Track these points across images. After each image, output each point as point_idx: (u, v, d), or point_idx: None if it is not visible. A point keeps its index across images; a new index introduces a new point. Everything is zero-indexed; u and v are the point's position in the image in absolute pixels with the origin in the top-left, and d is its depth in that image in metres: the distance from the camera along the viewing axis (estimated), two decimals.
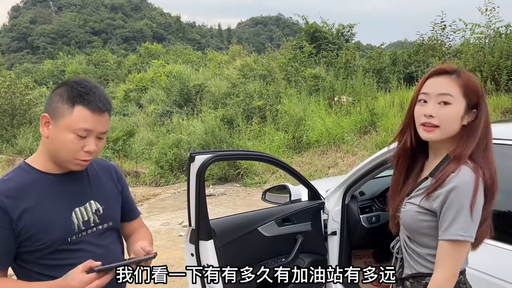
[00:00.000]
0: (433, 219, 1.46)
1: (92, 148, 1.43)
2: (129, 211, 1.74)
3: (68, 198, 1.48)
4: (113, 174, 1.68)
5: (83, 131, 1.41)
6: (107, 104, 1.45)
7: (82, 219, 1.49)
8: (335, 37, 17.25)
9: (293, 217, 2.54)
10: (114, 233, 1.62)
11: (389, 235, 2.87)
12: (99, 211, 1.55)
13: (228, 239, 2.20)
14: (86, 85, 1.43)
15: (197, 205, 2.06)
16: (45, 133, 1.43)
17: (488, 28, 12.72)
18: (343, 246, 2.76)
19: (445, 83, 1.44)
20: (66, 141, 1.40)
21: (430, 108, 1.43)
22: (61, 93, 1.41)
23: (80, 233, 1.48)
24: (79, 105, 1.40)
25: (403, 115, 7.00)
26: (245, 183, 10.15)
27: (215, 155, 2.06)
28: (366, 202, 2.79)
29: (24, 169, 1.47)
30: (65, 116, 1.40)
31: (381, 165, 2.37)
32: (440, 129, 1.43)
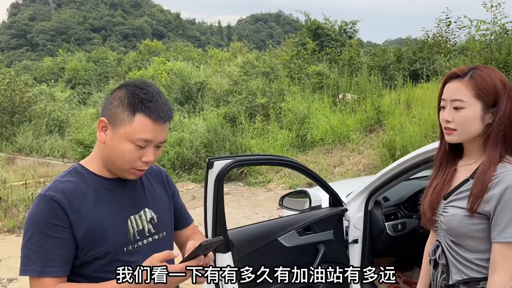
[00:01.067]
0: (483, 221, 1.42)
1: (151, 158, 1.34)
2: (181, 219, 1.62)
3: (123, 204, 1.38)
4: (164, 180, 1.57)
5: (143, 142, 1.30)
6: (169, 113, 1.34)
7: (137, 228, 1.38)
8: (338, 34, 17.11)
9: (315, 225, 2.36)
10: (169, 244, 1.49)
11: (414, 243, 2.71)
12: (153, 220, 1.44)
13: (247, 250, 2.02)
14: (148, 91, 1.32)
15: (215, 215, 1.89)
16: (101, 138, 1.33)
17: (494, 25, 12.56)
18: (365, 255, 2.59)
19: (457, 88, 1.45)
20: (124, 150, 1.30)
21: (445, 113, 1.47)
22: (122, 97, 1.31)
23: (135, 243, 1.37)
24: (141, 113, 1.29)
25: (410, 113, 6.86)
26: (249, 183, 9.99)
27: (235, 160, 1.88)
28: (391, 209, 2.62)
29: (80, 172, 1.36)
30: (125, 124, 1.29)
31: (412, 168, 2.19)
32: (458, 132, 1.45)
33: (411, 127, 8.84)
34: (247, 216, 7.21)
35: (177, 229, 1.59)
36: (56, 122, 18.92)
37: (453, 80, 1.47)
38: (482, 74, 1.43)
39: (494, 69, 1.47)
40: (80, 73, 30.50)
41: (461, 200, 1.46)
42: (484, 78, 1.43)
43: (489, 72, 1.45)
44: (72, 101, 24.20)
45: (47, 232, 1.23)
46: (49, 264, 1.23)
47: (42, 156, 16.76)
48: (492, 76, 1.43)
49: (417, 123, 9.04)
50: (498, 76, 1.44)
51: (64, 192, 1.28)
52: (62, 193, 1.27)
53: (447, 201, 1.51)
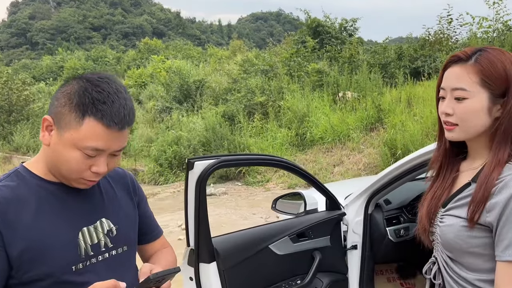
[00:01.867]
0: (486, 235, 1.15)
1: (102, 169, 1.11)
2: (148, 231, 1.40)
3: (74, 214, 1.15)
4: (129, 185, 1.35)
5: (92, 151, 1.08)
6: (127, 118, 1.10)
7: (91, 242, 1.16)
8: (338, 31, 16.94)
9: (310, 231, 2.16)
10: (130, 260, 1.28)
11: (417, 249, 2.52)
12: (112, 232, 1.21)
13: (234, 260, 1.82)
14: (103, 89, 1.07)
15: (197, 221, 1.70)
16: (45, 140, 1.11)
17: (497, 22, 12.39)
18: (365, 261, 2.40)
19: (459, 74, 1.19)
20: (70, 158, 1.08)
21: (445, 105, 1.22)
22: (70, 94, 1.08)
23: (87, 260, 1.14)
24: (91, 117, 1.05)
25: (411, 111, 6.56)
26: (247, 182, 9.81)
27: (219, 160, 1.69)
28: (392, 212, 2.42)
29: (22, 175, 1.14)
30: (72, 128, 1.06)
31: (416, 169, 2.00)
32: (460, 127, 1.20)
33: (412, 125, 8.66)
34: (244, 216, 7.03)
35: (143, 242, 1.38)
36: None
37: (455, 65, 1.21)
38: (490, 56, 1.17)
39: (504, 51, 1.20)
40: (79, 72, 30.20)
41: (460, 208, 1.20)
42: (492, 61, 1.16)
43: (498, 54, 1.18)
44: None
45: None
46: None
47: None
48: (503, 59, 1.17)
49: (418, 122, 8.86)
50: (510, 58, 1.18)
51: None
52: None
53: (445, 209, 1.26)
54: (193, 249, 1.77)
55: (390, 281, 2.77)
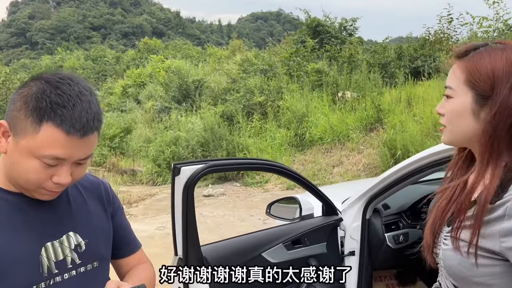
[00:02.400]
0: (496, 263, 0.98)
1: (64, 180, 1.00)
2: (123, 244, 1.29)
3: (36, 228, 1.05)
4: (103, 195, 1.24)
5: (52, 160, 0.97)
6: (91, 123, 0.99)
7: (56, 258, 1.06)
8: (338, 31, 16.86)
9: (305, 237, 2.07)
10: (101, 277, 1.17)
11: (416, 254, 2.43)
12: (80, 247, 1.11)
13: None
14: (64, 92, 0.96)
15: (185, 229, 1.61)
16: (2, 147, 1.00)
17: (497, 21, 12.32)
18: (362, 268, 2.31)
19: (452, 72, 1.09)
20: (28, 167, 0.97)
21: (439, 104, 1.12)
22: (27, 97, 0.96)
23: (51, 278, 1.04)
24: (49, 122, 0.94)
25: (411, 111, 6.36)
26: (245, 183, 9.73)
27: (207, 165, 1.59)
28: (391, 218, 2.33)
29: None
30: (28, 135, 0.95)
31: (417, 172, 1.91)
32: (448, 129, 1.10)
33: (412, 125, 8.58)
34: (242, 218, 6.95)
35: (117, 257, 1.27)
36: None
37: (455, 61, 1.10)
38: (484, 54, 1.04)
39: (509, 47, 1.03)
40: (78, 71, 30.26)
41: (466, 230, 1.02)
42: (483, 58, 1.03)
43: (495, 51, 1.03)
44: None
45: None
46: None
47: None
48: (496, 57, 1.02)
49: (418, 122, 8.78)
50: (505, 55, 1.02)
51: None
52: None
53: (449, 228, 1.08)
54: (181, 258, 1.68)
55: (389, 287, 2.69)
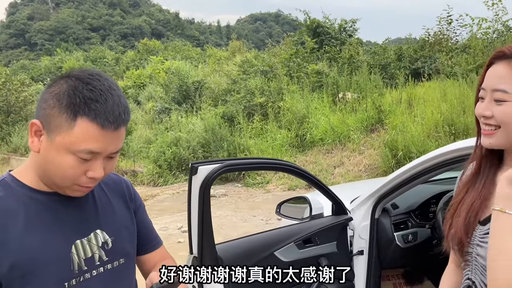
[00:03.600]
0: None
1: (99, 174, 1.03)
2: (147, 241, 1.31)
3: (66, 226, 1.08)
4: (125, 193, 1.26)
5: (88, 154, 1.00)
6: (123, 116, 1.02)
7: (85, 255, 1.09)
8: (338, 32, 16.88)
9: (316, 237, 2.10)
10: (128, 274, 1.21)
11: (424, 253, 2.46)
12: (107, 245, 1.14)
13: None
14: (95, 87, 0.99)
15: (201, 228, 1.63)
16: (34, 146, 1.02)
17: (497, 22, 12.37)
18: (371, 267, 2.33)
19: (501, 74, 1.05)
20: (64, 164, 1.00)
21: (483, 106, 1.09)
22: (60, 95, 0.99)
23: (81, 275, 1.07)
24: (84, 117, 0.97)
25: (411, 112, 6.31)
26: (247, 184, 9.74)
27: (224, 164, 1.62)
28: (400, 217, 2.36)
29: (9, 185, 1.05)
30: (63, 131, 0.98)
31: (427, 172, 1.93)
32: (502, 130, 1.06)
33: (413, 126, 8.61)
34: (244, 218, 6.96)
35: (141, 253, 1.30)
36: None
37: (500, 62, 1.06)
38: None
39: None
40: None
41: None
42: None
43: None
44: None
45: None
46: None
47: None
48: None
49: (419, 123, 8.81)
50: None
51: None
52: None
53: (486, 227, 1.08)
54: (196, 257, 1.70)
55: (396, 287, 2.71)
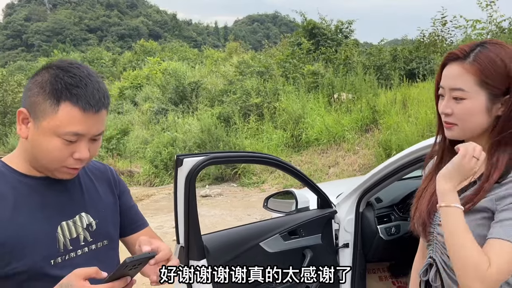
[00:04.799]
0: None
1: (84, 155, 1.11)
2: (132, 221, 1.38)
3: (52, 208, 1.15)
4: (110, 179, 1.35)
5: (73, 136, 1.08)
6: (102, 100, 1.11)
7: (70, 236, 1.16)
8: (334, 33, 16.98)
9: (301, 229, 2.17)
10: (111, 254, 1.28)
11: (408, 246, 2.53)
12: (91, 227, 1.21)
13: (224, 258, 1.82)
14: (75, 74, 1.08)
15: (187, 218, 1.70)
16: (23, 133, 1.11)
17: (490, 23, 12.49)
18: (356, 260, 2.40)
19: (456, 74, 1.16)
20: (51, 146, 1.08)
21: (444, 105, 1.20)
22: (43, 83, 1.07)
23: (66, 254, 1.15)
24: (67, 102, 1.06)
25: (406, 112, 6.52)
26: (242, 183, 9.81)
27: (208, 157, 1.69)
28: (383, 211, 2.43)
29: (0, 170, 1.14)
30: (48, 116, 1.06)
31: (407, 166, 2.01)
32: (459, 127, 1.19)
33: (407, 126, 8.69)
34: (239, 218, 7.02)
35: (128, 234, 1.37)
36: None
37: (453, 63, 1.18)
38: (489, 54, 1.13)
39: (505, 45, 1.15)
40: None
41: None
42: (491, 58, 1.13)
43: (498, 50, 1.13)
44: None
45: None
46: None
47: None
48: (502, 56, 1.13)
49: (413, 123, 8.89)
50: (510, 53, 1.13)
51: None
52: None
53: None
54: (183, 247, 1.77)
55: (382, 279, 2.78)
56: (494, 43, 1.16)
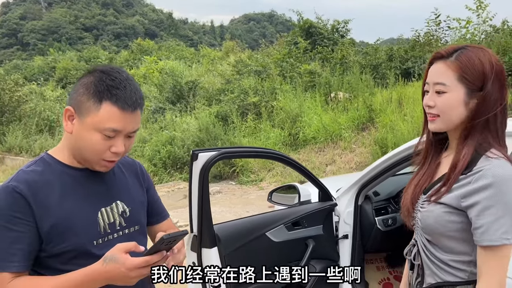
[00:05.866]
0: (463, 220, 1.28)
1: (120, 149, 1.28)
2: (157, 213, 1.55)
3: (93, 196, 1.32)
4: (139, 172, 1.51)
5: (111, 132, 1.24)
6: (139, 100, 1.27)
7: (108, 221, 1.33)
8: (330, 32, 17.12)
9: (304, 220, 2.32)
10: (141, 238, 1.43)
11: (404, 238, 2.68)
12: (125, 213, 1.38)
13: (234, 246, 1.97)
14: (116, 77, 1.25)
15: (200, 209, 1.84)
16: (68, 128, 1.27)
17: (483, 24, 12.67)
18: (355, 250, 2.55)
19: (440, 70, 1.33)
20: (92, 140, 1.24)
21: (427, 98, 1.36)
22: (88, 84, 1.24)
23: (106, 236, 1.31)
24: (107, 101, 1.22)
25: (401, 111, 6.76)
26: (240, 181, 9.94)
27: (220, 152, 1.84)
28: (381, 203, 2.58)
29: (47, 162, 1.30)
30: (91, 113, 1.23)
31: (401, 162, 2.15)
32: (441, 118, 1.34)
33: (403, 125, 8.85)
34: (238, 214, 7.15)
35: (151, 224, 1.54)
36: (47, 122, 18.74)
37: (438, 61, 1.34)
38: (469, 54, 1.29)
39: (485, 49, 1.32)
40: (71, 73, 30.20)
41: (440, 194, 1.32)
42: (471, 58, 1.29)
43: (477, 52, 1.30)
44: (63, 100, 23.94)
45: (7, 226, 1.17)
46: (9, 259, 1.17)
47: (32, 155, 16.58)
48: (481, 57, 1.29)
49: (409, 121, 9.05)
50: (488, 57, 1.29)
51: (28, 183, 1.21)
52: (25, 184, 1.21)
53: (426, 195, 1.38)
54: (196, 235, 1.90)
55: (379, 269, 2.93)
56: (475, 46, 1.33)
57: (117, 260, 1.13)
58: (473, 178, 1.24)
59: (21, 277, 1.18)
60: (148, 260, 1.14)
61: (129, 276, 1.14)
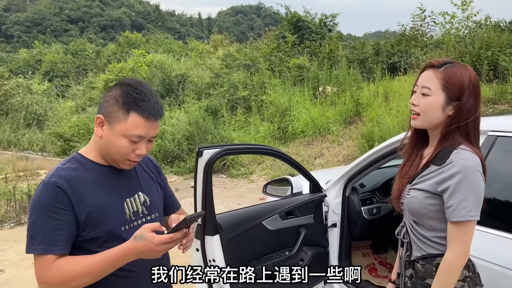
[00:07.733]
0: (439, 202, 1.55)
1: (144, 152, 1.50)
2: (171, 204, 1.79)
3: (119, 189, 1.54)
4: (152, 168, 1.73)
5: (136, 138, 1.46)
6: (160, 111, 1.50)
7: (132, 209, 1.55)
8: (318, 27, 17.28)
9: (296, 210, 2.53)
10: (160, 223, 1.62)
11: (388, 226, 2.90)
12: (146, 203, 1.60)
13: (233, 233, 2.18)
14: (141, 91, 1.47)
15: (204, 200, 2.04)
16: (99, 133, 1.49)
17: (467, 19, 12.97)
18: (343, 238, 2.77)
19: (428, 77, 1.59)
20: (120, 145, 1.46)
21: (414, 97, 1.62)
22: (117, 97, 1.46)
23: (131, 222, 1.53)
24: (134, 112, 1.44)
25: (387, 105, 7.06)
26: (231, 174, 10.13)
27: (223, 149, 2.04)
28: (366, 194, 2.81)
29: (79, 160, 1.52)
30: (120, 122, 1.45)
31: (385, 156, 2.36)
32: (421, 117, 1.59)
33: (389, 119, 9.09)
34: (230, 206, 7.35)
35: (166, 214, 1.75)
36: (34, 116, 18.67)
37: (429, 69, 1.60)
38: (455, 69, 1.56)
39: (468, 68, 1.58)
40: (58, 66, 29.97)
41: (422, 183, 1.60)
42: (455, 73, 1.55)
43: (462, 69, 1.57)
44: (50, 94, 23.82)
45: (51, 215, 1.38)
46: (53, 243, 1.37)
47: (21, 150, 16.56)
48: (463, 73, 1.55)
49: (394, 115, 9.30)
50: (468, 74, 1.56)
51: (66, 178, 1.43)
52: (64, 179, 1.42)
53: (411, 184, 1.65)
54: (199, 224, 2.10)
55: (365, 255, 3.16)
56: (461, 64, 1.61)
57: (146, 237, 1.34)
58: (446, 168, 1.52)
59: (63, 257, 1.40)
60: (172, 237, 1.36)
61: (157, 250, 1.35)
